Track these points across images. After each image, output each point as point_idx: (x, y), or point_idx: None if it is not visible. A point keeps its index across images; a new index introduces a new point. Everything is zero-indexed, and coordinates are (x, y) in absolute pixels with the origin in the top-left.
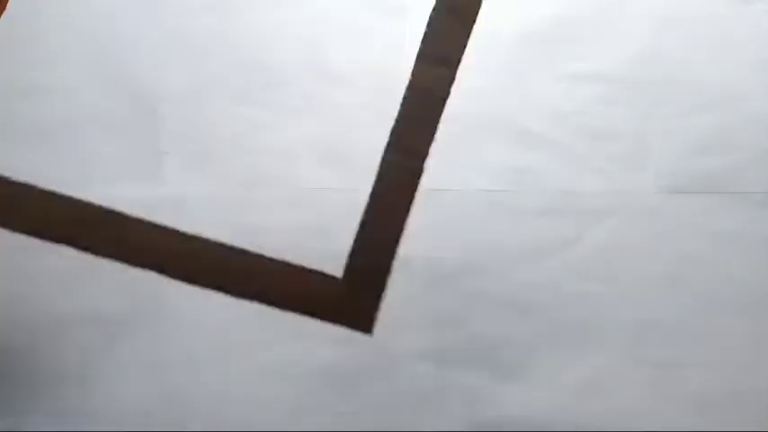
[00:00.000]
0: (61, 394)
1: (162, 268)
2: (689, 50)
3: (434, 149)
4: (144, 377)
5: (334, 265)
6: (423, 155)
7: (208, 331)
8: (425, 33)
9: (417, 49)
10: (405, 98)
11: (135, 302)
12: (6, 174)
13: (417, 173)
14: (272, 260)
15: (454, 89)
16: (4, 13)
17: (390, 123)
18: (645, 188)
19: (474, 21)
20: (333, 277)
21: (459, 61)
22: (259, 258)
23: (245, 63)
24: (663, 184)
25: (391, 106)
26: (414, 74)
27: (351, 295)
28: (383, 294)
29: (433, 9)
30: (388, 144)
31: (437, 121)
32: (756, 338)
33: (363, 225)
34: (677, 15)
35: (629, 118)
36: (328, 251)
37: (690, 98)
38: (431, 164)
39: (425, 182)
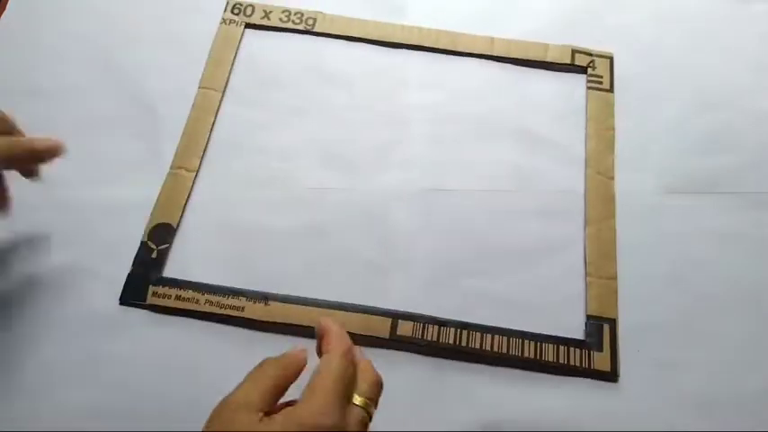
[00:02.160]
0: (61, 394)
1: None
2: (689, 50)
3: (434, 149)
4: (144, 377)
5: None
6: None
7: (208, 330)
8: None
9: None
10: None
11: None
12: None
13: None
14: None
15: (454, 89)
16: (4, 14)
17: (390, 123)
18: (645, 188)
19: None
20: None
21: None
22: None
23: (244, 63)
24: (663, 184)
25: (392, 105)
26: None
27: None
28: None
29: None
30: None
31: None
32: (756, 338)
33: None
34: (677, 15)
35: (629, 118)
36: (328, 251)
37: (690, 98)
38: (431, 164)
39: (425, 182)
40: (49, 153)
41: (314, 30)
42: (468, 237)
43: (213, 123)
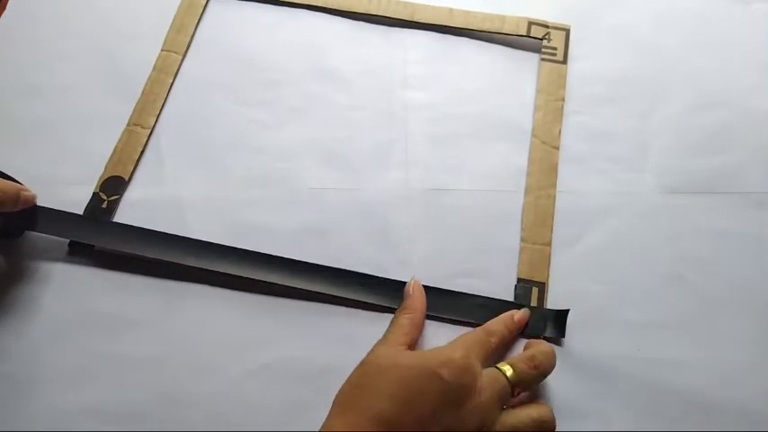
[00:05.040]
0: (60, 393)
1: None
2: (688, 50)
3: (435, 149)
4: (144, 377)
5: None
6: None
7: (208, 330)
8: None
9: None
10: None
11: (135, 301)
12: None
13: None
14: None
15: (454, 89)
16: (4, 14)
17: (391, 122)
18: (645, 188)
19: None
20: None
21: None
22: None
23: (245, 63)
24: (663, 184)
25: (392, 105)
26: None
27: None
28: None
29: None
30: None
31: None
32: (756, 338)
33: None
34: (677, 15)
35: (629, 118)
36: (328, 251)
37: (690, 98)
38: (431, 164)
39: (425, 182)
40: (24, 204)
41: None
42: (468, 236)
43: (171, 84)
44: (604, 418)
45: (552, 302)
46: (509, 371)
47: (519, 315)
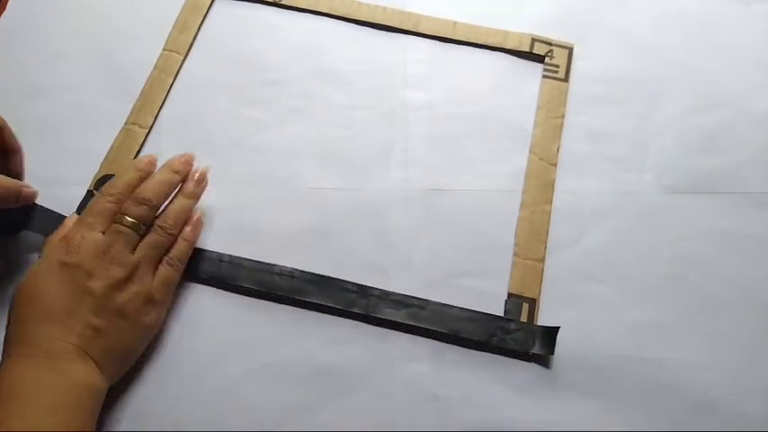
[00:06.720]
0: None
1: None
2: (688, 50)
3: (435, 149)
4: (144, 377)
5: None
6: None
7: (208, 330)
8: None
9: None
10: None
11: None
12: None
13: None
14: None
15: (454, 89)
16: (4, 14)
17: (391, 122)
18: (645, 188)
19: None
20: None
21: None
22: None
23: (245, 63)
24: (663, 184)
25: (392, 105)
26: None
27: None
28: None
29: None
30: None
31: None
32: (756, 338)
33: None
34: (677, 15)
35: (629, 118)
36: (328, 251)
37: (690, 98)
38: (431, 164)
39: (425, 182)
40: (25, 200)
41: (282, 2)
42: (467, 236)
43: (172, 84)
44: (604, 417)
45: (551, 302)
46: (125, 217)
47: (148, 157)
